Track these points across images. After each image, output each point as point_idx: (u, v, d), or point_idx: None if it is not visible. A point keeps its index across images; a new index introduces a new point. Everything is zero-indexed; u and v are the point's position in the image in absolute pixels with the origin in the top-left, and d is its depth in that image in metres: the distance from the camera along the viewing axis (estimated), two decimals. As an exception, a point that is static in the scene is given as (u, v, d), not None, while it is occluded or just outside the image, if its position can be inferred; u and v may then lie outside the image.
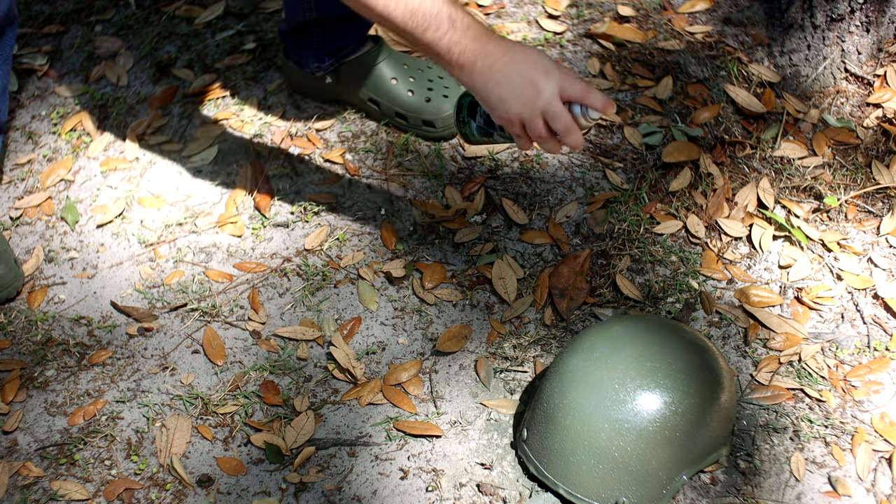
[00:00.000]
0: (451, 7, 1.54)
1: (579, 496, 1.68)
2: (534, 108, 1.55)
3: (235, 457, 1.80)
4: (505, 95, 1.55)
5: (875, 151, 2.15)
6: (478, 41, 1.55)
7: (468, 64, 1.55)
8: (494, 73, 1.55)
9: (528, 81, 1.54)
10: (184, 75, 2.37)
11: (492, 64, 1.55)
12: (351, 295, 2.00)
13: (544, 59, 1.56)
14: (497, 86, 1.55)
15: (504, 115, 1.58)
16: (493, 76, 1.55)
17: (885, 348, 1.90)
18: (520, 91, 1.54)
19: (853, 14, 2.20)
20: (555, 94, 1.54)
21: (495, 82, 1.55)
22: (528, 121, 1.57)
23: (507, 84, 1.55)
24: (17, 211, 2.17)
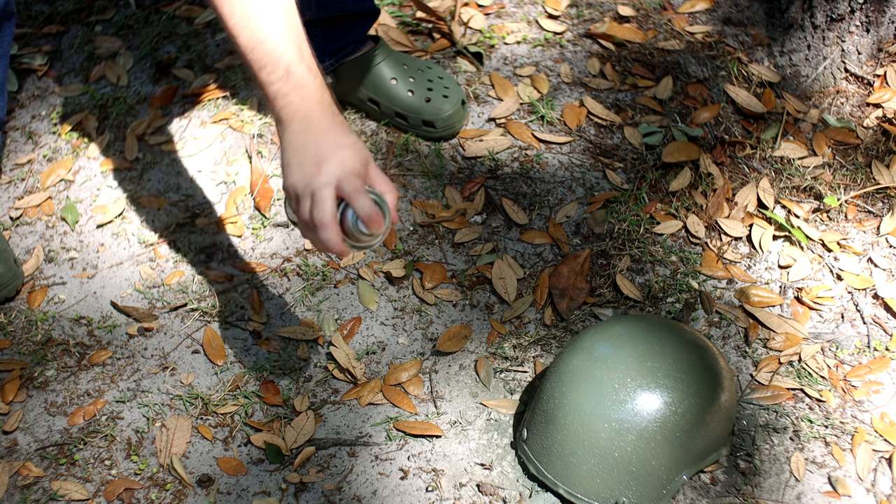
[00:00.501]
0: (297, 59, 1.48)
1: (579, 496, 1.68)
2: (305, 186, 1.45)
3: (235, 457, 1.80)
4: (292, 162, 1.47)
5: (875, 151, 2.15)
6: (305, 103, 1.48)
7: (286, 120, 1.48)
8: (299, 139, 1.47)
9: (317, 158, 1.45)
10: (184, 75, 2.37)
11: (303, 129, 1.47)
12: (351, 295, 2.00)
13: (353, 150, 1.46)
14: (293, 151, 1.47)
15: (284, 181, 1.49)
16: (296, 141, 1.47)
17: (885, 348, 1.90)
18: (304, 163, 1.46)
19: (853, 14, 2.20)
20: (329, 183, 1.43)
21: (293, 148, 1.47)
22: (300, 197, 1.46)
23: (301, 153, 1.46)
24: (17, 211, 2.17)
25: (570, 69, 2.31)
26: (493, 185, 2.14)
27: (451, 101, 2.16)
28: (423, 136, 2.20)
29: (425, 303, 1.98)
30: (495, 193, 2.13)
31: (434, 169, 2.16)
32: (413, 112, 2.17)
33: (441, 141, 2.19)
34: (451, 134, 2.19)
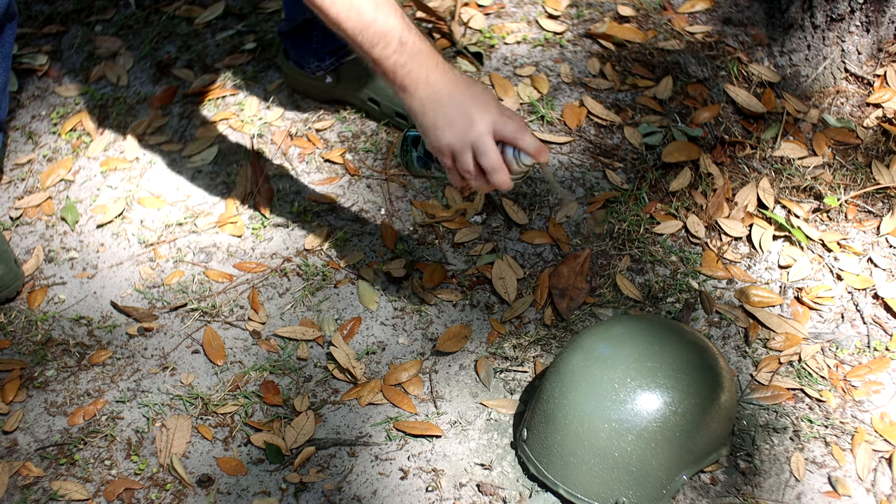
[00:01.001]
0: (405, 29, 1.54)
1: (579, 496, 1.68)
2: (464, 141, 1.54)
3: (235, 457, 1.80)
4: (439, 124, 1.54)
5: (875, 151, 2.15)
6: (424, 67, 1.55)
7: (411, 87, 1.55)
8: (434, 101, 1.54)
9: (463, 113, 1.53)
10: (184, 75, 2.37)
11: (433, 92, 1.54)
12: (351, 295, 2.00)
13: (486, 96, 1.56)
14: (434, 113, 1.55)
15: (436, 143, 1.56)
16: (432, 103, 1.54)
17: (885, 348, 1.90)
18: (454, 121, 1.54)
19: (853, 14, 2.20)
20: (487, 131, 1.53)
21: (433, 110, 1.55)
22: (458, 153, 1.55)
23: (443, 113, 1.54)
24: (17, 211, 2.17)
25: (570, 69, 2.31)
26: (493, 185, 2.14)
27: None
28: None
29: (425, 303, 1.98)
30: (495, 193, 2.12)
31: (434, 169, 2.16)
32: None
33: None
34: None
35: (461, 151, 1.55)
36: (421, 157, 1.69)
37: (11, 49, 2.03)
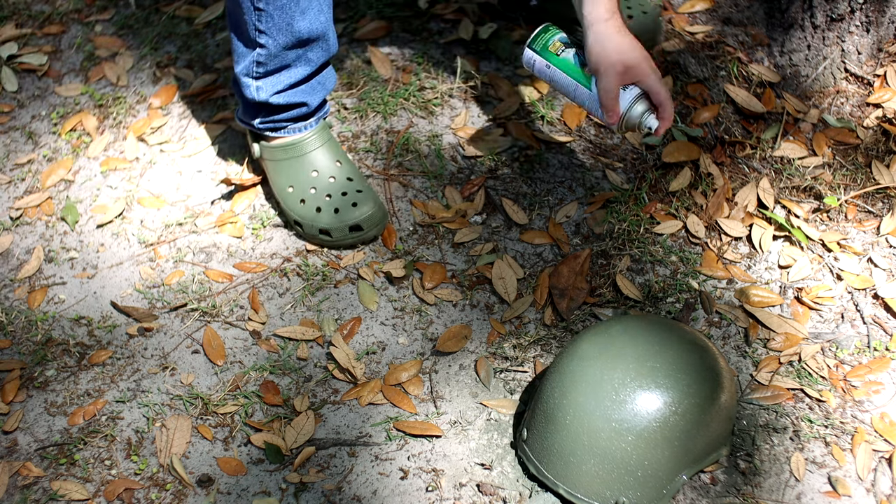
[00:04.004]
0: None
1: (579, 496, 1.68)
2: (630, 63, 1.77)
3: (235, 457, 1.80)
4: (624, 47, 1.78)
5: (875, 151, 2.15)
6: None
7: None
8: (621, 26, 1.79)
9: (636, 46, 1.79)
10: (184, 75, 2.37)
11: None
12: (351, 295, 2.00)
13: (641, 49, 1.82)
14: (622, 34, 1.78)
15: (614, 55, 1.77)
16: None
17: (885, 348, 1.90)
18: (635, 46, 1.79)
19: (853, 14, 2.20)
20: (651, 72, 1.78)
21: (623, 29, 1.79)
22: (628, 70, 1.77)
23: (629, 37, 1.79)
24: (17, 211, 2.17)
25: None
26: (493, 185, 2.14)
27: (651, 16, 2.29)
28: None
29: (425, 303, 1.98)
30: (495, 193, 2.13)
31: (434, 169, 2.16)
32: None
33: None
34: (651, 46, 2.29)
35: (619, 74, 1.76)
36: (566, 37, 1.86)
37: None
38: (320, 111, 2.07)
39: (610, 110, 1.80)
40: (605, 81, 1.77)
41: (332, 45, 1.98)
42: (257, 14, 1.88)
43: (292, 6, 1.87)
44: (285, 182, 2.05)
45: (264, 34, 1.90)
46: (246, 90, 1.99)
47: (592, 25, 1.77)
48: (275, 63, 1.94)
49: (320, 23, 1.92)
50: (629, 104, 1.79)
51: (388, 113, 2.25)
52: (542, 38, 1.85)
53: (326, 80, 2.04)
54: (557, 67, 1.85)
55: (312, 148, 2.04)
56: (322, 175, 2.04)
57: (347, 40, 2.39)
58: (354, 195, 2.02)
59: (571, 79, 1.84)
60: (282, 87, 1.97)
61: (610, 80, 1.77)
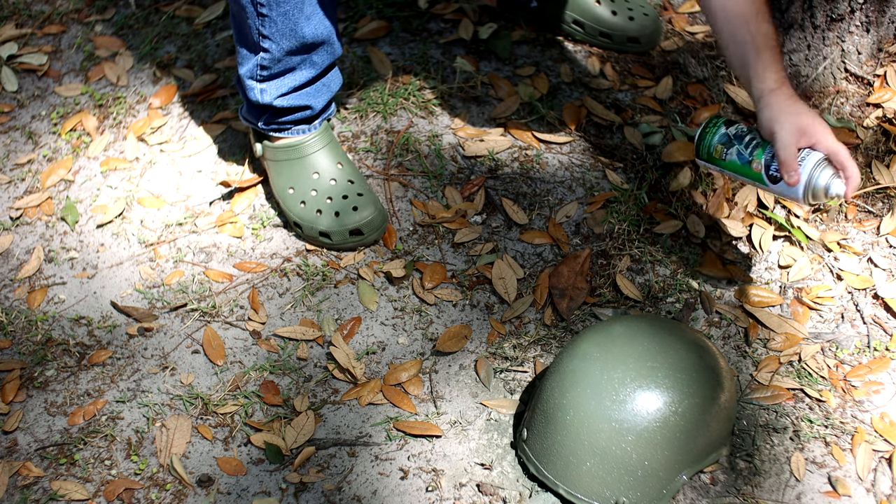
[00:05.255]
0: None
1: (579, 496, 1.68)
2: (810, 126, 1.73)
3: (235, 457, 1.80)
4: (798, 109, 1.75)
5: (875, 151, 2.15)
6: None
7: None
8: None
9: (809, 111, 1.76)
10: (184, 75, 2.37)
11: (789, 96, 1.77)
12: (351, 295, 2.00)
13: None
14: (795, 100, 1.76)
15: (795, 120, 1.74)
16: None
17: (885, 348, 1.90)
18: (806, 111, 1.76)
19: (853, 14, 2.20)
20: (828, 132, 1.73)
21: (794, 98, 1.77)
22: (804, 131, 1.72)
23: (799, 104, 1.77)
24: (17, 211, 2.17)
25: (570, 69, 2.32)
26: (493, 185, 2.14)
27: (651, 17, 2.31)
28: (626, 51, 2.32)
29: (425, 303, 1.98)
30: (495, 193, 2.13)
31: (434, 169, 2.16)
32: (618, 30, 2.29)
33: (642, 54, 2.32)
34: (652, 47, 2.33)
35: (796, 133, 1.72)
36: (724, 135, 1.82)
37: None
38: (325, 113, 2.07)
39: (789, 168, 1.72)
40: (782, 139, 1.72)
41: (336, 48, 1.98)
42: (261, 20, 1.88)
43: (296, 12, 1.87)
44: (286, 183, 2.05)
45: (268, 39, 1.90)
46: (250, 92, 1.99)
47: (762, 97, 1.74)
48: (279, 67, 1.94)
49: (325, 27, 1.92)
50: (811, 171, 1.71)
51: (388, 113, 2.25)
52: (704, 147, 1.82)
53: (331, 83, 2.04)
54: (729, 171, 1.82)
55: (314, 150, 2.04)
56: (323, 177, 2.04)
57: (347, 40, 2.39)
58: (355, 199, 2.02)
59: (746, 178, 1.81)
60: (286, 90, 1.97)
61: (788, 136, 1.71)
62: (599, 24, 2.31)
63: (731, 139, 1.81)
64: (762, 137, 1.77)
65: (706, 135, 1.83)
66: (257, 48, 1.92)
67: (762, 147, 1.77)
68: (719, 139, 1.82)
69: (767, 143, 1.76)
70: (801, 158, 1.72)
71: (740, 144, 1.79)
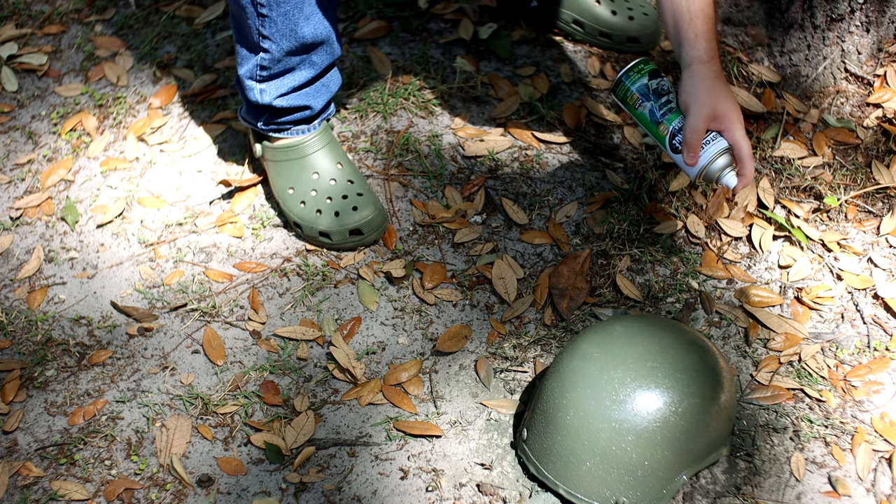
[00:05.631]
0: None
1: (579, 496, 1.68)
2: (717, 110, 1.73)
3: (235, 457, 1.80)
4: (717, 91, 1.75)
5: (875, 151, 2.15)
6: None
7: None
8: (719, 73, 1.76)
9: (728, 94, 1.76)
10: (184, 75, 2.37)
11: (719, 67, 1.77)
12: (351, 295, 2.00)
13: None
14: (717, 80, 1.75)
15: (704, 103, 1.74)
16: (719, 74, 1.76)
17: (885, 348, 1.90)
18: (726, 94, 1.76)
19: (853, 14, 2.20)
20: (740, 125, 1.73)
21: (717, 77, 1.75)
22: (706, 117, 1.73)
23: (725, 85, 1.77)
24: (17, 211, 2.17)
25: (570, 69, 2.32)
26: (493, 185, 2.14)
27: (651, 17, 2.31)
28: (626, 51, 2.32)
29: (425, 303, 1.98)
30: (495, 193, 2.13)
31: (434, 169, 2.16)
32: (618, 30, 2.29)
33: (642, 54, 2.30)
34: (651, 47, 2.33)
35: (708, 117, 1.72)
36: (644, 87, 1.81)
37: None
38: (324, 113, 2.07)
39: (692, 150, 1.74)
40: (693, 120, 1.72)
41: (336, 49, 1.98)
42: (261, 20, 1.88)
43: (296, 12, 1.87)
44: (286, 183, 2.05)
45: (268, 39, 1.90)
46: (249, 92, 1.99)
47: (690, 65, 1.73)
48: (278, 67, 1.94)
49: (325, 27, 1.92)
50: (712, 156, 1.74)
51: (388, 113, 2.25)
52: (622, 89, 1.82)
53: (331, 83, 2.04)
54: (638, 120, 1.83)
55: (314, 150, 2.04)
56: (323, 177, 2.04)
57: (347, 40, 2.39)
58: (355, 199, 2.02)
59: (651, 134, 1.81)
60: (285, 90, 1.97)
61: (698, 120, 1.72)
62: (599, 24, 2.31)
63: (649, 92, 1.80)
64: (678, 104, 1.77)
65: (628, 77, 1.81)
66: (257, 48, 1.92)
67: (675, 113, 1.78)
68: (639, 89, 1.81)
69: (681, 112, 1.77)
70: (706, 140, 1.74)
71: (656, 102, 1.79)
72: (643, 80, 1.80)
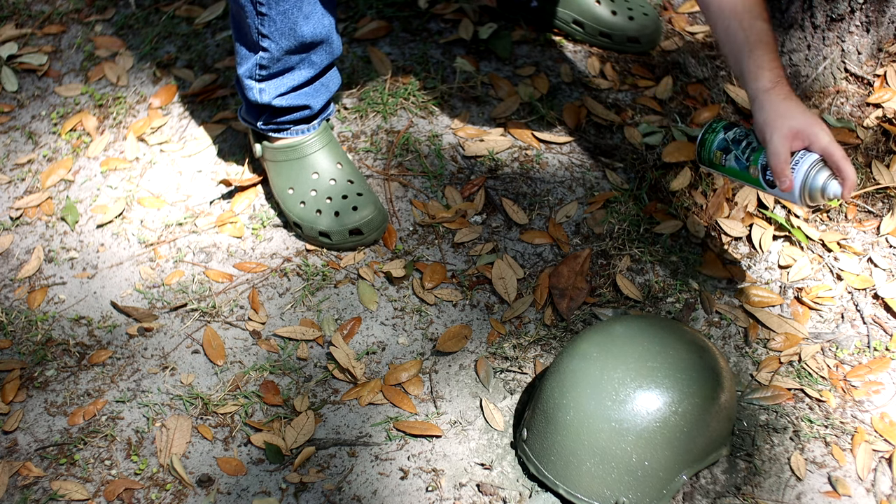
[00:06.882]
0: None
1: (579, 496, 1.68)
2: (804, 128, 1.70)
3: (235, 457, 1.80)
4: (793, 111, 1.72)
5: (875, 151, 2.15)
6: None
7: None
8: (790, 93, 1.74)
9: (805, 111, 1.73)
10: (184, 75, 2.37)
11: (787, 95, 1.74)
12: (351, 295, 2.00)
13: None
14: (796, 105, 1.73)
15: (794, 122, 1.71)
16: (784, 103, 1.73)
17: (885, 348, 1.90)
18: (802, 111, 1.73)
19: (853, 14, 2.20)
20: (823, 133, 1.70)
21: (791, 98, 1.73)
22: (798, 134, 1.69)
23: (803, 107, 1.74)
24: (17, 211, 2.17)
25: (570, 69, 2.32)
26: (493, 185, 2.14)
27: (651, 17, 2.31)
28: (626, 51, 2.33)
29: (425, 303, 1.98)
30: (495, 193, 2.13)
31: (434, 169, 2.16)
32: (618, 30, 2.29)
33: (642, 54, 2.33)
34: (651, 47, 2.33)
35: (786, 138, 1.69)
36: (723, 140, 1.80)
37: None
38: (324, 113, 2.07)
39: (781, 175, 1.69)
40: (773, 146, 1.69)
41: (335, 48, 1.98)
42: (260, 18, 1.88)
43: (295, 11, 1.87)
44: (286, 183, 2.05)
45: (267, 38, 1.90)
46: (248, 92, 1.99)
47: (757, 97, 1.72)
48: (278, 66, 1.94)
49: (324, 26, 1.92)
50: (806, 173, 1.70)
51: (388, 113, 2.25)
52: (705, 154, 1.81)
53: (330, 83, 2.04)
54: (730, 176, 1.81)
55: (314, 150, 2.04)
56: (323, 177, 2.04)
57: (347, 40, 2.39)
58: (355, 198, 2.02)
59: (746, 182, 1.79)
60: (285, 89, 1.97)
61: (777, 144, 1.69)
62: (599, 24, 2.31)
63: (729, 144, 1.79)
64: (759, 141, 1.76)
65: (706, 140, 1.82)
66: (256, 47, 1.92)
67: (758, 151, 1.76)
68: (718, 145, 1.80)
69: (762, 147, 1.75)
70: (794, 162, 1.70)
71: (738, 149, 1.78)
72: (720, 136, 1.80)
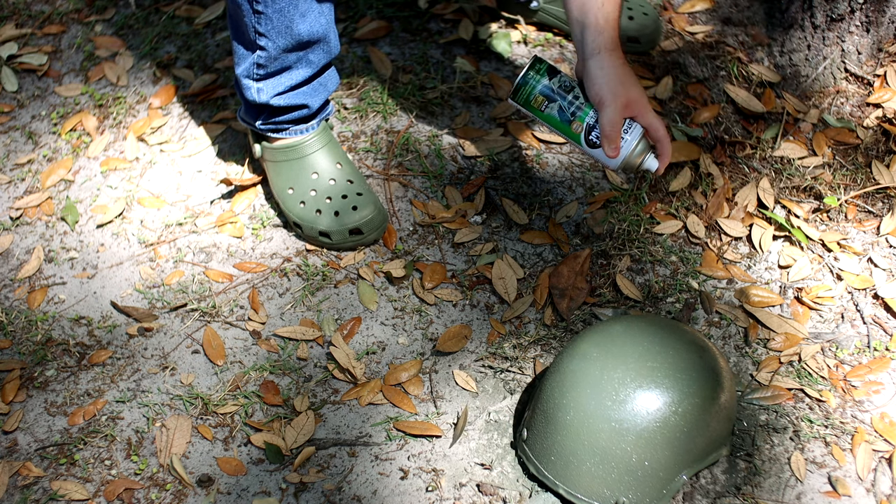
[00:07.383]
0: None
1: (579, 496, 1.68)
2: (632, 101, 1.72)
3: (235, 457, 1.80)
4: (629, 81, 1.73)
5: (875, 151, 2.15)
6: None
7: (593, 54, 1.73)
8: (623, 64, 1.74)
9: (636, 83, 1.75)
10: (184, 75, 2.37)
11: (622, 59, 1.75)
12: (351, 295, 2.00)
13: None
14: (625, 70, 1.73)
15: (616, 91, 1.72)
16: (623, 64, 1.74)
17: (885, 348, 1.90)
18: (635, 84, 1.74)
19: (853, 14, 2.20)
20: (650, 108, 1.73)
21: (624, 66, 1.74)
22: (622, 107, 1.71)
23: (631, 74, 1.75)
24: (17, 211, 2.17)
25: (570, 69, 2.31)
26: (493, 185, 2.14)
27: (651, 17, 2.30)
28: (626, 51, 2.27)
29: (425, 303, 1.98)
30: (495, 193, 2.13)
31: (434, 169, 2.16)
32: None
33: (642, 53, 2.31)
34: (651, 47, 2.32)
35: (623, 107, 1.71)
36: (548, 87, 1.76)
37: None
38: (322, 112, 2.07)
39: (613, 142, 1.72)
40: (611, 112, 1.71)
41: (333, 47, 1.98)
42: (257, 17, 1.88)
43: (292, 9, 1.87)
44: (285, 183, 2.05)
45: (264, 37, 1.90)
46: (247, 91, 1.99)
47: (598, 54, 1.71)
48: (275, 65, 1.94)
49: (321, 25, 1.92)
50: (634, 145, 1.73)
51: (388, 113, 2.25)
52: (523, 94, 1.77)
53: (328, 82, 2.04)
54: (546, 123, 1.79)
55: (313, 150, 2.04)
56: (322, 177, 2.04)
57: (347, 40, 2.39)
58: (355, 198, 2.02)
59: (563, 134, 1.78)
60: (283, 88, 1.97)
61: (615, 112, 1.71)
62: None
63: (553, 93, 1.76)
64: (586, 97, 1.74)
65: (528, 81, 1.76)
66: (254, 46, 1.92)
67: (585, 108, 1.75)
68: (542, 90, 1.76)
69: (591, 106, 1.74)
70: (623, 130, 1.73)
71: (563, 100, 1.75)
72: (544, 80, 1.76)
